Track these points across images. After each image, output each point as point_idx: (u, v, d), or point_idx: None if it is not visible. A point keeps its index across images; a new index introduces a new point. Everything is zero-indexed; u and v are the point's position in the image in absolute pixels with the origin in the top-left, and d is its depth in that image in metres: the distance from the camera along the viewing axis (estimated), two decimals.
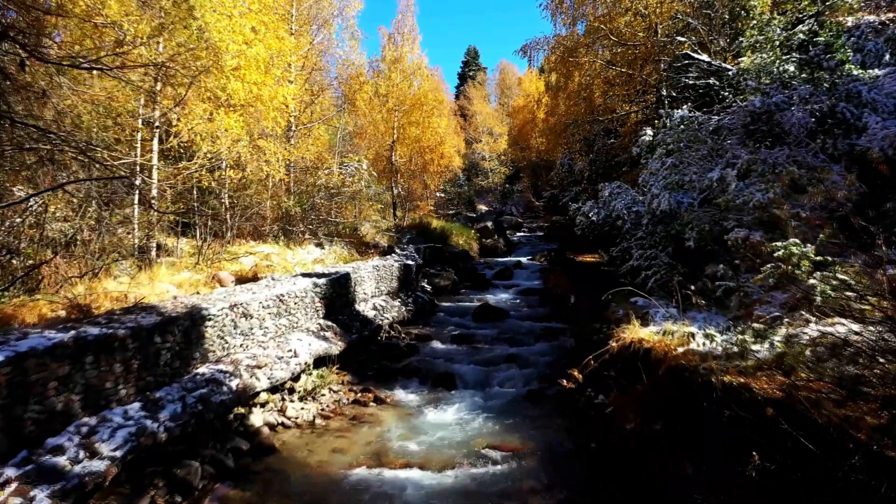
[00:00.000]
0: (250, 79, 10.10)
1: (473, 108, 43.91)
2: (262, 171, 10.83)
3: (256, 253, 10.64)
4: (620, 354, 5.56)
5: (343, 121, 20.38)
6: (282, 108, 11.01)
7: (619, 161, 15.18)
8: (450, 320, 11.58)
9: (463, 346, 9.57)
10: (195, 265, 9.17)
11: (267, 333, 6.58)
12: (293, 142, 13.42)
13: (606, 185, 9.86)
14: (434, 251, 18.19)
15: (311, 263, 11.35)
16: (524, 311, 12.70)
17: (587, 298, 11.20)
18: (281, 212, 11.63)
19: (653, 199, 8.53)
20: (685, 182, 7.61)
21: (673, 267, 8.01)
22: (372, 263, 10.62)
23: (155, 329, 4.74)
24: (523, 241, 29.58)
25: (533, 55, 13.04)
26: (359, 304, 9.63)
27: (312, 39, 13.57)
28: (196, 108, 8.96)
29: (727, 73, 10.01)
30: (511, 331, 10.61)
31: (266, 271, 10.10)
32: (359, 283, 9.65)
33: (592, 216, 9.57)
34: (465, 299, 14.31)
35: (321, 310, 8.12)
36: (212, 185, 10.28)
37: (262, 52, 10.31)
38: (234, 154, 10.23)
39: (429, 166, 22.20)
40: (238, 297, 6.29)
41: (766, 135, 8.53)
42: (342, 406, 6.59)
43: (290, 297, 7.13)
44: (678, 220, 8.28)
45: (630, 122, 14.67)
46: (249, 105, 10.62)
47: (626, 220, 9.35)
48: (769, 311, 5.99)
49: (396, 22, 22.01)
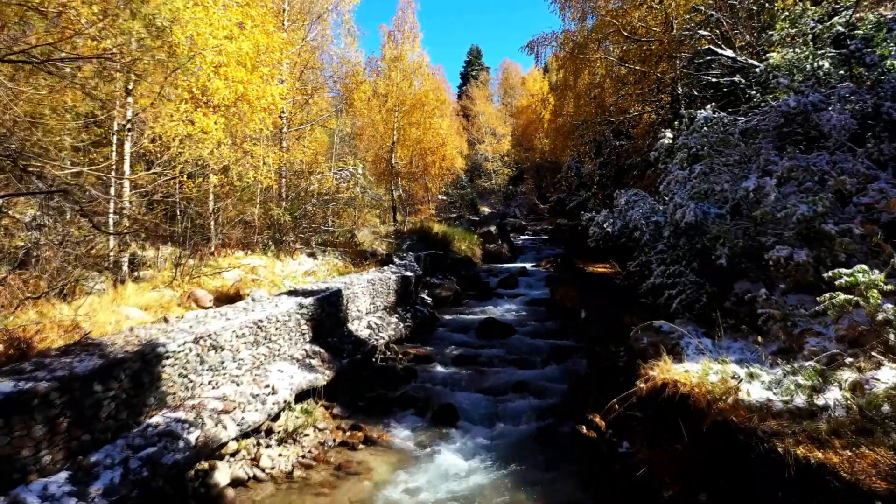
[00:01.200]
0: (236, 77, 9.34)
1: (476, 109, 43.10)
2: (250, 177, 10.02)
3: (242, 265, 9.83)
4: (651, 398, 4.72)
5: (341, 122, 19.57)
6: (270, 109, 10.21)
7: (631, 164, 14.33)
8: (452, 337, 10.75)
9: (466, 369, 8.74)
10: (172, 281, 8.38)
11: (242, 366, 5.76)
12: (286, 144, 12.62)
13: (622, 192, 9.02)
14: (435, 258, 17.37)
15: (302, 276, 10.54)
16: (531, 325, 11.86)
17: (600, 314, 10.36)
18: (270, 220, 10.84)
19: (676, 209, 7.69)
20: (716, 192, 6.76)
21: (700, 286, 7.16)
22: (367, 277, 9.80)
23: (94, 376, 3.93)
24: (527, 244, 28.75)
25: (540, 51, 12.23)
26: (352, 323, 8.81)
27: (305, 35, 12.77)
28: (168, 109, 8.16)
29: (754, 70, 9.15)
30: (518, 350, 9.78)
31: (251, 286, 9.30)
32: (352, 299, 8.83)
33: (607, 227, 8.73)
34: (467, 311, 13.48)
35: (308, 333, 7.30)
36: (193, 192, 9.50)
37: (248, 48, 9.53)
38: (218, 159, 9.45)
39: (430, 169, 21.37)
40: (208, 325, 5.47)
41: (802, 138, 7.68)
42: (327, 450, 5.76)
43: (270, 323, 6.31)
44: (705, 234, 7.44)
45: (643, 123, 13.82)
46: (234, 105, 9.87)
47: (644, 232, 8.51)
48: (822, 346, 5.15)
49: (396, 19, 21.22)
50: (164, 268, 8.92)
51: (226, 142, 8.90)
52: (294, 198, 11.83)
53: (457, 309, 13.82)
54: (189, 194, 9.47)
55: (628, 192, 8.94)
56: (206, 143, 8.53)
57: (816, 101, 7.19)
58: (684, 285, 7.28)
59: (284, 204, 12.07)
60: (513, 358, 9.23)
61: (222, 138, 8.56)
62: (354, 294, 8.92)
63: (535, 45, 12.16)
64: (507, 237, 24.31)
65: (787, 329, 5.64)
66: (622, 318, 8.41)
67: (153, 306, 6.84)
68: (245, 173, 9.96)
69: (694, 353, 5.39)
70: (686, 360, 5.24)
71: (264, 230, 11.20)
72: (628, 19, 12.06)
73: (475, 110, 43.13)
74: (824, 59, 7.97)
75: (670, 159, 9.07)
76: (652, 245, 8.43)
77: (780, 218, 6.15)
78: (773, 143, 7.59)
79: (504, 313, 13.20)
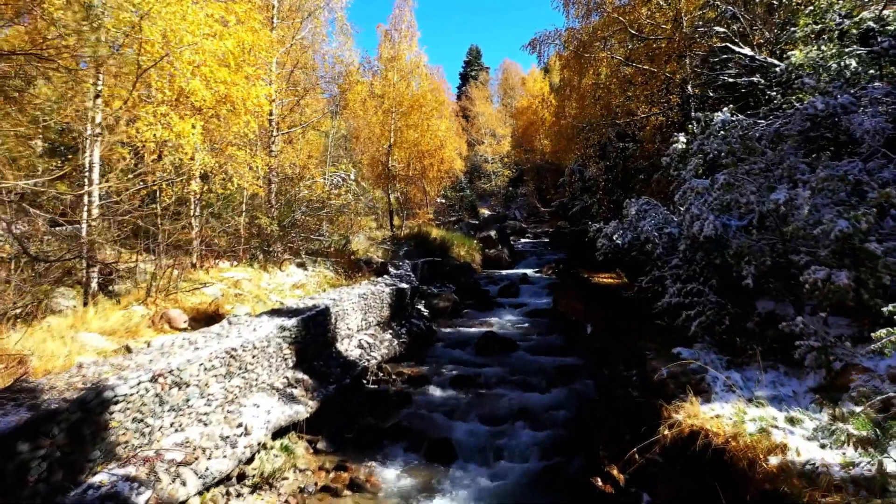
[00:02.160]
0: (218, 77, 8.70)
1: (476, 109, 42.48)
2: (233, 184, 9.38)
3: (225, 279, 9.19)
4: (677, 447, 4.08)
5: (335, 124, 18.93)
6: (257, 111, 9.56)
7: (637, 168, 13.70)
8: (449, 354, 10.10)
9: (464, 392, 8.10)
10: (146, 298, 7.74)
11: (212, 402, 5.11)
12: (275, 149, 11.98)
13: (632, 201, 8.38)
14: (433, 266, 16.73)
15: (290, 289, 9.90)
16: (533, 339, 11.21)
17: (607, 328, 9.72)
18: (257, 229, 10.20)
19: (693, 220, 7.05)
20: (741, 204, 6.12)
21: (721, 307, 6.53)
22: (358, 291, 9.15)
23: (18, 435, 3.29)
24: (528, 248, 28.10)
25: (543, 50, 11.59)
26: (341, 343, 8.16)
27: (295, 33, 12.13)
28: (143, 112, 7.53)
29: (774, 70, 8.51)
30: (520, 369, 9.13)
31: (234, 302, 8.66)
32: (341, 317, 8.18)
33: (617, 239, 8.09)
34: (466, 323, 12.84)
35: (291, 358, 6.66)
36: (172, 200, 8.86)
37: (231, 46, 8.90)
38: (199, 164, 8.82)
39: (428, 172, 20.75)
40: (171, 358, 4.82)
41: (829, 143, 7.04)
42: (307, 497, 5.12)
43: (246, 351, 5.67)
44: (725, 248, 6.80)
45: (650, 126, 13.19)
46: (217, 107, 9.24)
47: (656, 245, 7.87)
48: (873, 386, 4.51)
49: (393, 17, 20.62)
50: (146, 280, 8.28)
51: (204, 146, 8.26)
52: (283, 205, 11.18)
53: (455, 321, 13.17)
54: (168, 202, 8.82)
55: (639, 201, 8.30)
56: (186, 148, 7.90)
57: (846, 104, 6.55)
58: (704, 306, 6.64)
59: (273, 211, 11.43)
60: (515, 379, 8.58)
61: (200, 142, 7.91)
62: (344, 311, 8.27)
63: (537, 44, 11.53)
64: (507, 242, 23.68)
65: (826, 362, 5.00)
66: (633, 338, 7.78)
67: (119, 330, 6.19)
68: (228, 179, 9.33)
69: (722, 391, 4.75)
70: (714, 398, 4.60)
71: (251, 239, 10.55)
72: (635, 16, 11.44)
73: (475, 111, 42.51)
74: (851, 57, 7.34)
75: (683, 165, 8.45)
76: (665, 259, 7.80)
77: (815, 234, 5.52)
78: (798, 149, 6.96)
79: (505, 326, 12.56)
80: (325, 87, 14.93)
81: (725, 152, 7.39)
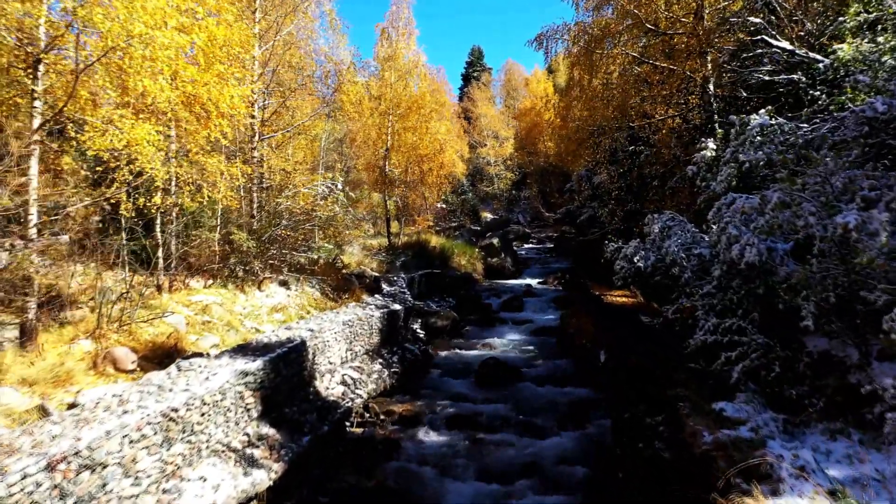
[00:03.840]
0: (185, 76, 7.70)
1: (478, 111, 41.46)
2: (204, 195, 8.36)
3: (193, 304, 8.15)
4: None
5: (328, 127, 17.91)
6: (232, 114, 8.54)
7: (652, 175, 12.61)
8: (447, 385, 9.03)
9: (462, 437, 7.04)
10: (95, 329, 6.71)
11: (142, 480, 4.07)
12: (257, 155, 10.94)
13: (655, 216, 7.30)
14: (431, 278, 15.69)
15: (268, 314, 8.86)
16: (540, 366, 10.14)
17: (623, 358, 8.65)
18: (232, 245, 9.16)
19: (730, 242, 5.99)
20: (797, 227, 5.05)
21: (768, 349, 5.47)
22: (343, 318, 8.10)
23: None
24: (532, 255, 27.05)
25: (550, 46, 10.53)
26: (320, 381, 7.11)
27: (279, 29, 11.11)
28: (92, 116, 6.51)
29: (816, 66, 7.43)
30: (526, 405, 8.07)
31: (201, 332, 7.64)
32: (321, 350, 7.14)
33: (638, 261, 7.02)
34: (467, 344, 11.78)
35: (255, 407, 5.61)
36: (131, 214, 7.84)
37: (202, 41, 7.89)
38: (163, 174, 7.81)
39: (427, 177, 19.69)
40: (85, 430, 3.78)
41: (890, 150, 5.96)
42: None
43: (192, 409, 4.62)
44: (771, 276, 5.73)
45: (665, 129, 12.11)
46: (185, 109, 8.24)
47: (684, 268, 6.80)
48: None
49: (390, 14, 19.57)
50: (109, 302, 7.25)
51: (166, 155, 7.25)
52: (263, 218, 10.15)
53: (455, 341, 12.11)
54: (128, 216, 7.80)
55: (662, 217, 7.23)
56: (141, 159, 6.87)
57: None
58: (747, 347, 5.57)
59: (255, 224, 10.39)
60: (520, 420, 7.52)
61: (154, 151, 6.88)
62: (325, 343, 7.23)
63: (543, 39, 10.47)
64: (510, 250, 22.60)
65: None
66: (660, 383, 6.70)
67: (44, 379, 5.16)
68: (197, 191, 8.30)
69: (792, 478, 3.67)
70: (783, 491, 3.53)
71: (229, 257, 9.51)
72: (652, 8, 10.37)
73: (477, 112, 41.48)
74: None
75: (712, 175, 7.39)
76: (695, 285, 6.74)
77: None
78: (854, 157, 5.87)
79: (508, 348, 11.49)
80: (317, 87, 13.90)
81: (765, 161, 6.33)
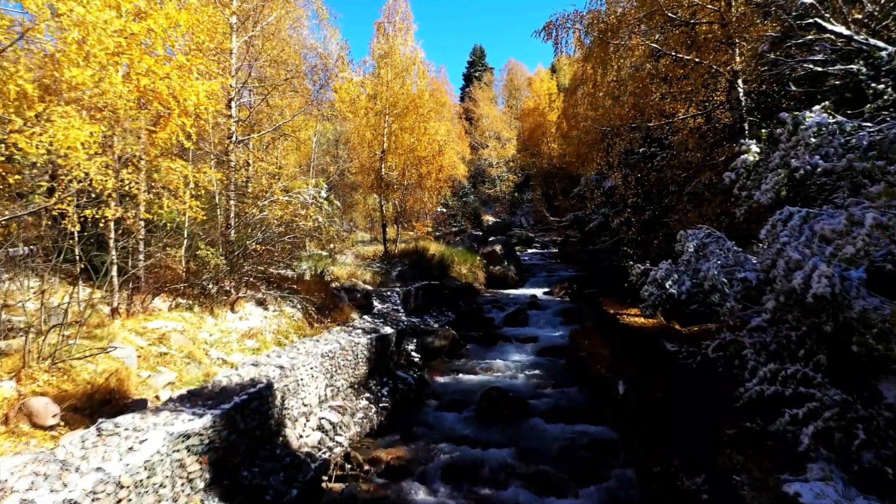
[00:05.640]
0: (139, 68, 6.64)
1: (479, 111, 40.37)
2: (164, 205, 7.26)
3: (148, 331, 7.03)
4: None
5: (320, 127, 16.80)
6: (196, 112, 7.43)
7: (670, 178, 11.46)
8: (443, 422, 7.89)
9: (461, 494, 5.92)
10: (20, 368, 5.59)
11: None
12: (233, 158, 9.83)
13: (689, 233, 6.17)
14: (429, 290, 14.56)
15: (239, 341, 7.74)
16: (550, 395, 9.02)
17: (649, 395, 7.52)
18: (198, 263, 8.05)
19: (790, 268, 4.87)
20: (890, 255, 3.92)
21: (847, 406, 4.35)
22: (324, 348, 6.98)
23: None
24: (536, 261, 25.94)
25: (560, 36, 9.39)
26: (292, 428, 5.99)
27: (258, 17, 10.00)
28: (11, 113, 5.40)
29: (878, 55, 6.29)
30: (535, 451, 6.95)
31: (155, 365, 6.52)
32: (293, 391, 6.02)
33: (671, 287, 5.88)
34: (467, 367, 10.65)
35: (201, 476, 4.49)
36: (76, 228, 6.75)
37: (160, 27, 6.81)
38: (116, 181, 6.73)
39: (425, 180, 18.55)
40: None
41: None
42: None
43: (100, 500, 3.50)
44: (844, 312, 4.60)
45: (686, 130, 10.97)
46: (147, 107, 7.19)
47: (726, 295, 5.66)
48: None
49: (387, 8, 18.46)
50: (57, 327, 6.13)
51: (100, 159, 6.15)
52: (240, 230, 9.04)
53: (453, 363, 10.98)
54: (72, 229, 6.71)
55: (697, 234, 6.10)
56: (72, 161, 5.76)
57: None
58: (819, 403, 4.45)
59: (232, 235, 9.28)
60: (530, 471, 6.38)
61: (97, 151, 5.78)
62: (299, 382, 6.11)
63: (553, 28, 9.33)
64: (513, 257, 21.45)
65: None
66: (694, 428, 5.57)
67: None
68: (155, 200, 7.21)
69: None
70: None
71: (199, 273, 8.39)
72: None
73: (478, 113, 40.40)
74: None
75: (755, 183, 6.26)
76: (741, 315, 5.62)
77: None
78: None
79: (513, 372, 10.35)
80: (304, 84, 12.78)
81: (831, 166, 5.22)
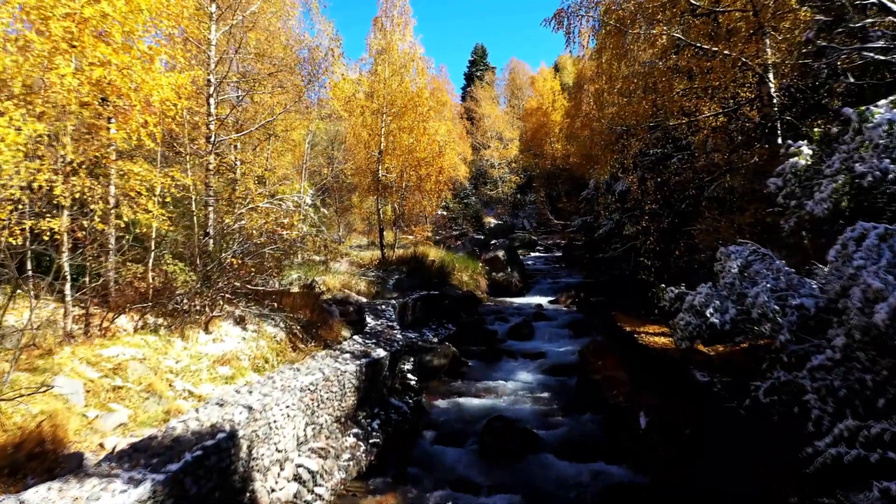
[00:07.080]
0: (93, 56, 5.79)
1: (481, 111, 39.45)
2: (123, 216, 6.36)
3: (102, 360, 6.11)
4: None
5: (314, 127, 15.90)
6: (161, 109, 6.52)
7: (687, 182, 10.53)
8: (441, 459, 6.96)
9: None
10: None
11: None
12: (213, 160, 8.92)
13: (731, 249, 5.24)
14: (428, 301, 13.63)
15: (210, 368, 6.82)
16: (560, 425, 8.11)
17: (677, 432, 6.60)
18: (166, 278, 7.15)
19: (868, 298, 3.96)
20: None
21: None
22: (304, 380, 6.05)
23: None
24: (540, 266, 25.00)
25: (572, 25, 8.46)
26: (262, 481, 5.07)
27: (241, 6, 9.09)
28: None
29: None
30: (547, 497, 6.03)
31: (106, 403, 5.61)
32: (265, 437, 5.09)
33: (713, 316, 4.95)
34: (468, 390, 9.72)
35: None
36: (19, 241, 5.83)
37: (117, 11, 5.94)
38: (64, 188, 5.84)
39: (424, 182, 17.63)
40: None
41: None
42: None
43: None
44: None
45: (708, 129, 10.04)
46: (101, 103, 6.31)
47: (778, 326, 4.73)
48: None
49: (384, 3, 17.56)
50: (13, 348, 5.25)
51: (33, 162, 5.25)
52: (218, 241, 8.13)
53: (453, 384, 10.06)
54: (14, 242, 5.79)
55: (742, 251, 5.17)
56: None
57: None
58: None
59: (211, 246, 8.37)
60: None
61: (27, 151, 4.88)
62: (271, 425, 5.19)
63: (564, 16, 8.41)
64: (516, 263, 20.51)
65: None
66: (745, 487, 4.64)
67: None
68: (112, 209, 6.31)
69: None
70: None
71: (169, 288, 7.48)
72: None
73: (480, 113, 39.47)
74: None
75: (807, 192, 5.36)
76: (798, 350, 4.70)
77: None
78: None
79: (518, 395, 9.43)
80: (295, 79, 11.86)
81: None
